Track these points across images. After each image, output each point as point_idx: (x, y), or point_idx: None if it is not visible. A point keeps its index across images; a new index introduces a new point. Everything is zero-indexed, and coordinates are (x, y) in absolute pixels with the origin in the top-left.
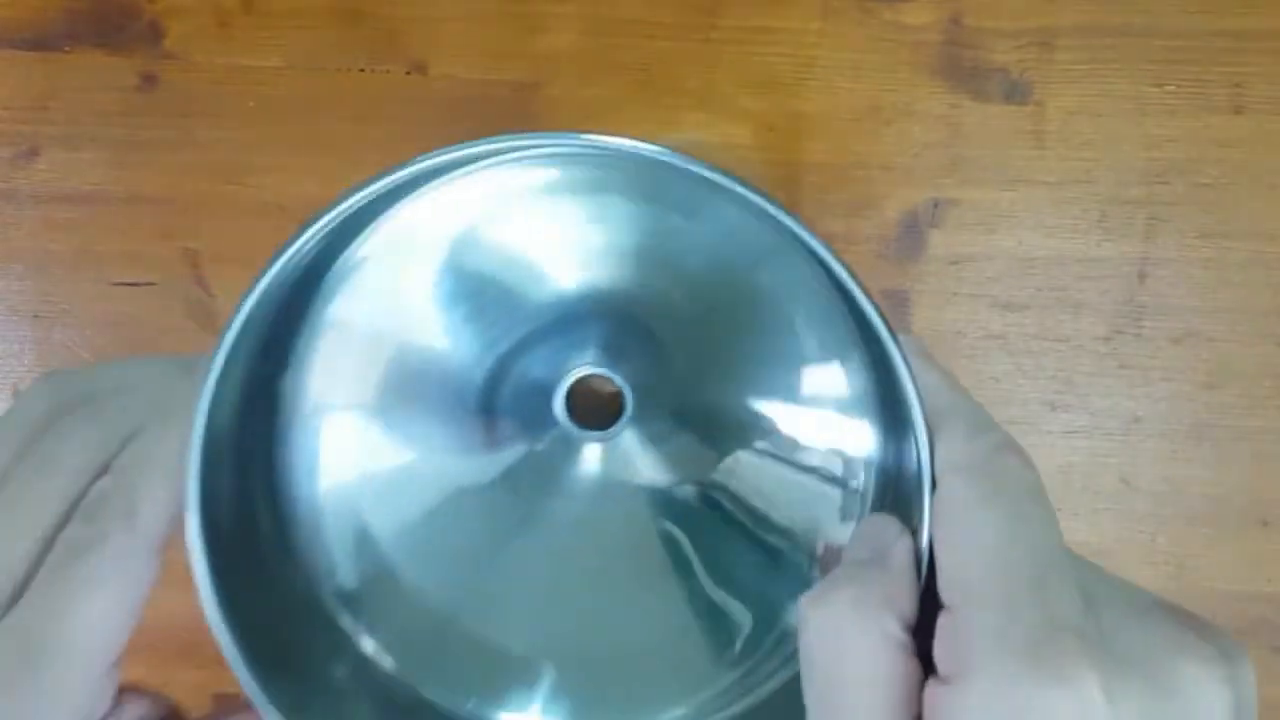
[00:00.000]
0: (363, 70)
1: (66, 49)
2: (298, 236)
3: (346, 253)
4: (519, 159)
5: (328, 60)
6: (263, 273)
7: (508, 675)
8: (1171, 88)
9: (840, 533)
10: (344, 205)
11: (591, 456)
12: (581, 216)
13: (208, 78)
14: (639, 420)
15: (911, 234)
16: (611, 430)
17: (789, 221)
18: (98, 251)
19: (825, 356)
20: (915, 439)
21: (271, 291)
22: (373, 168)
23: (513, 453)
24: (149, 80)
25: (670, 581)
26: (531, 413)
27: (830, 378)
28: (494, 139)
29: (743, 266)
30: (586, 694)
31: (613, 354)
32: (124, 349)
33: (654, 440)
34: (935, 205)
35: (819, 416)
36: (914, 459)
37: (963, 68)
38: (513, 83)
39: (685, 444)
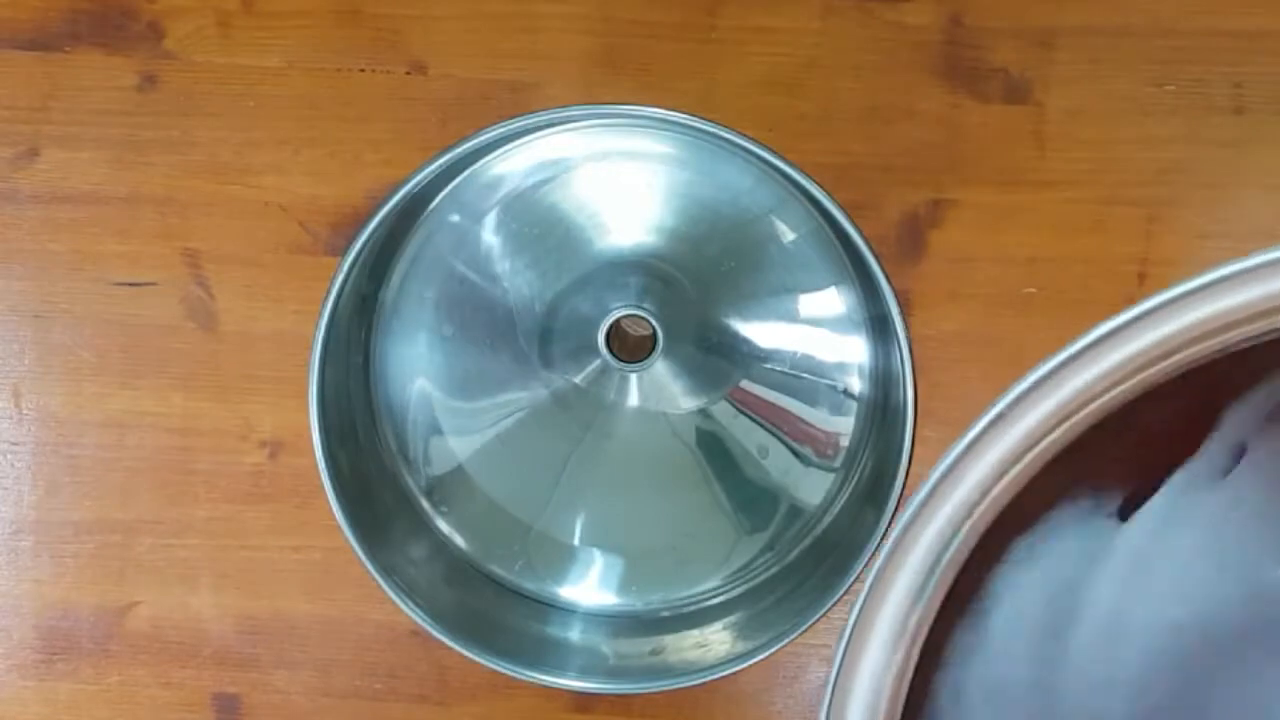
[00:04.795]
0: (363, 70)
1: (66, 49)
2: (404, 184)
3: (436, 200)
4: (575, 129)
5: (328, 60)
6: (377, 208)
7: (563, 558)
8: (1171, 88)
9: (837, 425)
10: (444, 159)
11: (629, 384)
12: (629, 180)
13: (208, 78)
14: (668, 354)
15: (911, 234)
16: (646, 362)
17: (795, 174)
18: (98, 251)
19: (822, 285)
20: (899, 347)
21: (378, 227)
22: (373, 167)
23: (563, 378)
24: (149, 80)
25: (698, 480)
26: (579, 344)
27: (827, 303)
28: (553, 110)
29: (754, 217)
30: (632, 572)
31: (647, 297)
32: (124, 349)
33: (680, 370)
34: (935, 205)
35: (818, 335)
36: (899, 364)
37: (963, 68)
38: (513, 83)
39: (706, 371)
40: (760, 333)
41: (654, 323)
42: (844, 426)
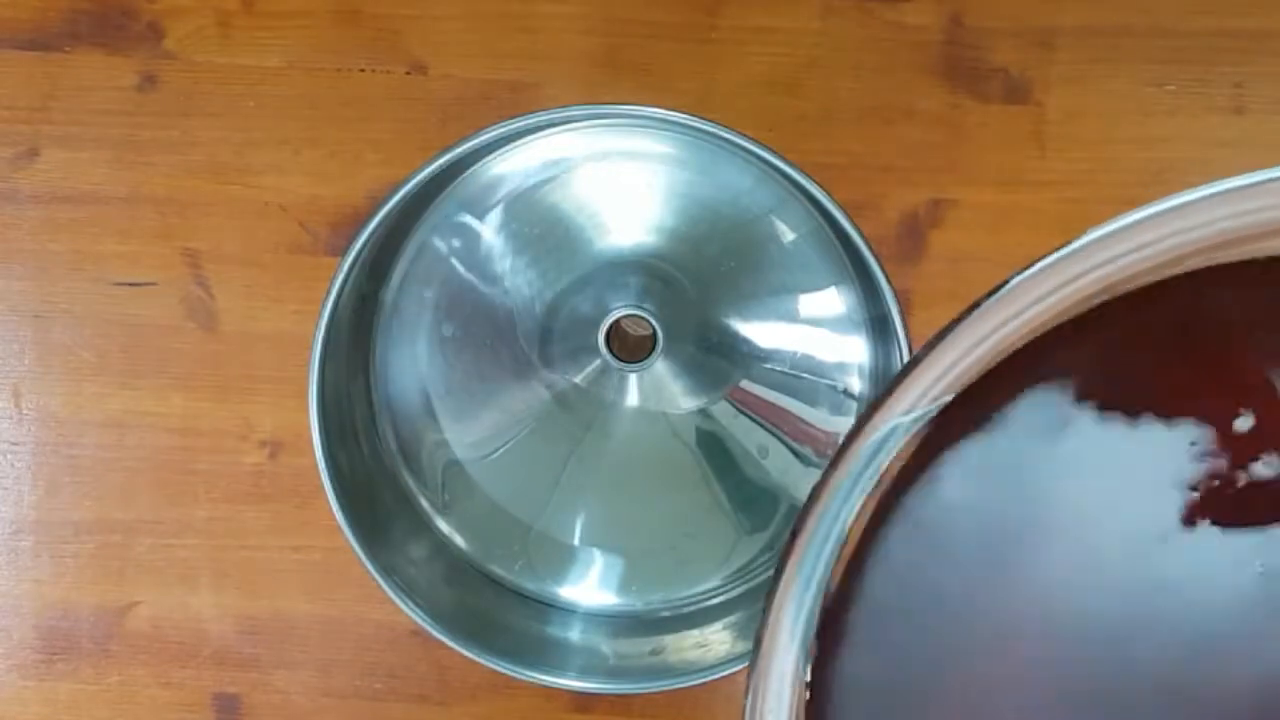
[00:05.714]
0: (363, 70)
1: (66, 49)
2: (404, 184)
3: (436, 200)
4: (575, 129)
5: (328, 60)
6: (377, 208)
7: (563, 558)
8: (1172, 88)
9: (836, 425)
10: (444, 159)
11: (629, 384)
12: (629, 180)
13: (208, 78)
14: (668, 354)
15: (911, 234)
16: (646, 362)
17: (795, 174)
18: (98, 251)
19: (822, 285)
20: (899, 347)
21: (378, 227)
22: (373, 167)
23: (563, 378)
24: (149, 80)
25: (698, 480)
26: (579, 344)
27: (827, 303)
28: (549, 111)
29: (754, 217)
30: (632, 572)
31: (647, 297)
32: (124, 349)
33: (680, 370)
34: (935, 205)
35: (818, 335)
36: (899, 364)
37: (963, 68)
38: (513, 83)
39: (706, 371)
40: (760, 333)
41: (654, 323)
42: (844, 426)
